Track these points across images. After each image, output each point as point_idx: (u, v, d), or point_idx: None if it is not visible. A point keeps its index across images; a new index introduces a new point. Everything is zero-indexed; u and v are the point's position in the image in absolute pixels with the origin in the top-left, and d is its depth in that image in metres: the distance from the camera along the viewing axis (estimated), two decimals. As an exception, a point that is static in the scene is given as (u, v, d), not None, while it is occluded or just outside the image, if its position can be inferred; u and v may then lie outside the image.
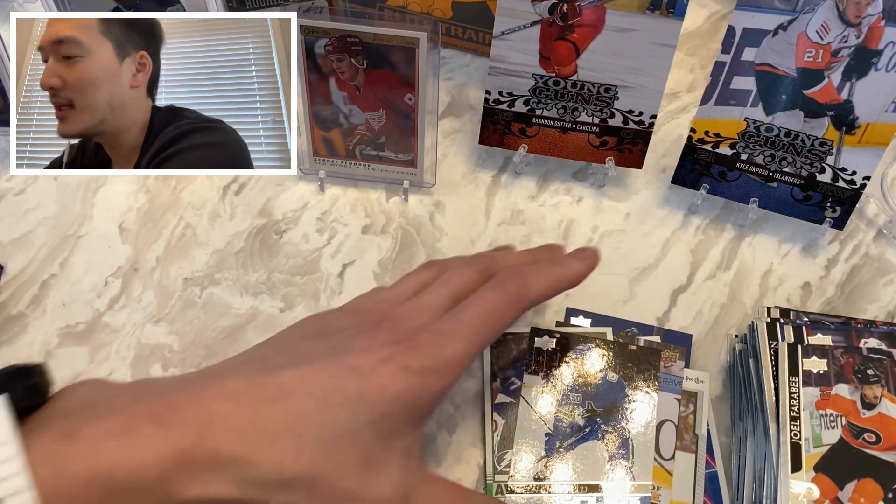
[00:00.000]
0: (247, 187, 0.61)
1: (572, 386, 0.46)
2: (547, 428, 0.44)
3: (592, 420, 0.45)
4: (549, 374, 0.46)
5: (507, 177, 0.62)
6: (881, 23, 0.49)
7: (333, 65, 0.54)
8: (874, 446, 0.44)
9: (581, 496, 0.42)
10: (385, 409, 0.33)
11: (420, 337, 0.35)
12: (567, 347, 0.48)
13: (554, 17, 0.54)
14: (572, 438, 0.44)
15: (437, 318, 0.37)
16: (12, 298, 0.54)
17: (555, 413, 0.45)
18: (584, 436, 0.44)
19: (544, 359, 0.47)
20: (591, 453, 0.44)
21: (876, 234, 0.60)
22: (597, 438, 0.44)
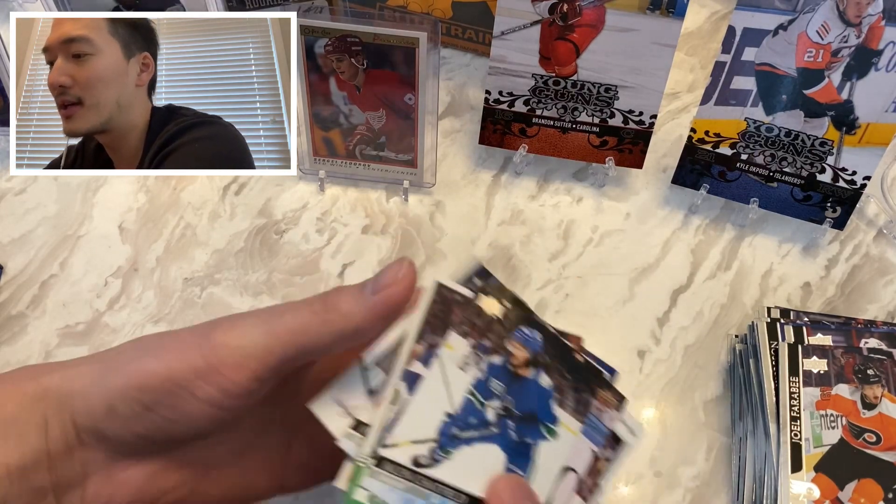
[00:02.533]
0: (247, 187, 0.61)
1: (498, 369, 0.36)
2: (449, 405, 0.35)
3: (504, 421, 0.35)
4: (481, 344, 0.36)
5: (508, 177, 0.62)
6: (881, 23, 0.49)
7: (333, 65, 0.54)
8: (874, 446, 0.44)
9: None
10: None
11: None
12: (514, 323, 0.37)
13: (554, 17, 0.54)
14: (474, 432, 0.35)
15: None
16: (12, 298, 0.54)
17: (466, 391, 0.35)
18: (488, 435, 0.35)
19: (483, 323, 0.36)
20: (488, 459, 0.35)
21: (876, 234, 0.60)
22: (500, 445, 0.35)
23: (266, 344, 0.31)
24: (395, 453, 0.32)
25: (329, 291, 0.32)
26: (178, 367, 0.30)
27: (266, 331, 0.31)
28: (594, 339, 0.54)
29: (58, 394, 0.31)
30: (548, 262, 0.57)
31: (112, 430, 0.31)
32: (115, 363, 0.32)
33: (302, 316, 0.31)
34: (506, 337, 0.36)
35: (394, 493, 0.32)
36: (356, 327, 0.31)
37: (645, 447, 0.49)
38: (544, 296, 0.55)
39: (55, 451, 0.31)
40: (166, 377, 0.30)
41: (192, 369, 0.30)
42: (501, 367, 0.36)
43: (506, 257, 0.57)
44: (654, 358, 0.53)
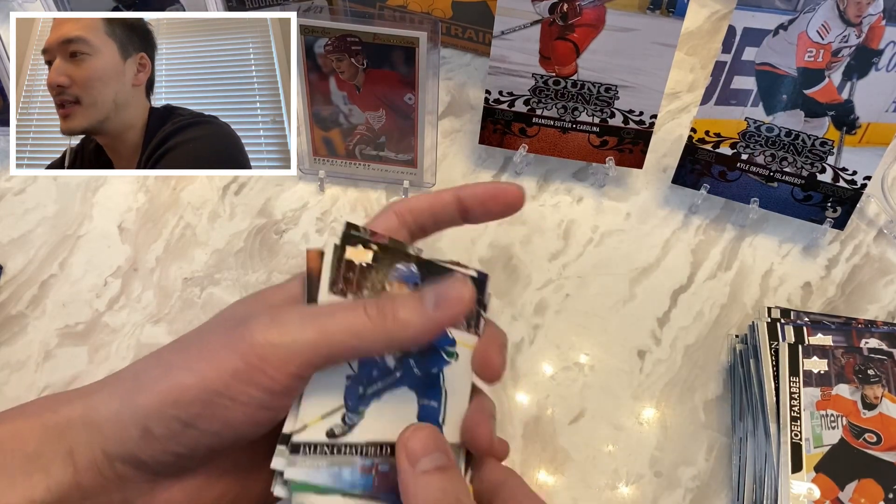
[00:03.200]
0: (246, 187, 0.61)
1: None
2: (348, 368, 0.34)
3: (405, 362, 0.35)
4: (359, 296, 0.35)
5: (508, 176, 0.62)
6: (882, 22, 0.49)
7: (333, 64, 0.54)
8: (875, 447, 0.44)
9: (383, 459, 0.33)
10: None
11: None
12: (386, 265, 0.36)
13: (554, 17, 0.54)
14: (379, 384, 0.34)
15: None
16: (12, 298, 0.54)
17: None
18: (394, 382, 0.35)
19: (355, 276, 0.35)
20: (400, 405, 0.35)
21: (877, 234, 0.60)
22: (408, 386, 0.35)
23: (314, 341, 0.30)
24: (307, 435, 0.32)
25: (383, 298, 0.32)
26: (215, 374, 0.29)
27: (316, 329, 0.30)
28: (594, 340, 0.54)
29: (83, 424, 0.30)
30: (548, 261, 0.57)
31: (149, 453, 0.29)
32: (141, 383, 0.30)
33: (356, 318, 0.30)
34: (384, 280, 0.35)
35: (319, 473, 0.32)
36: (413, 337, 0.31)
37: (645, 447, 0.49)
38: (544, 296, 0.55)
39: (87, 482, 0.29)
40: (203, 388, 0.29)
41: (231, 373, 0.29)
42: None
43: (506, 257, 0.57)
44: (654, 358, 0.53)
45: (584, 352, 0.53)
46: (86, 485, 0.29)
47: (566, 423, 0.50)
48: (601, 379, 0.52)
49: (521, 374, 0.52)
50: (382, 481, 0.32)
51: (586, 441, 0.49)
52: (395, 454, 0.32)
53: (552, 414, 0.50)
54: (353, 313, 0.30)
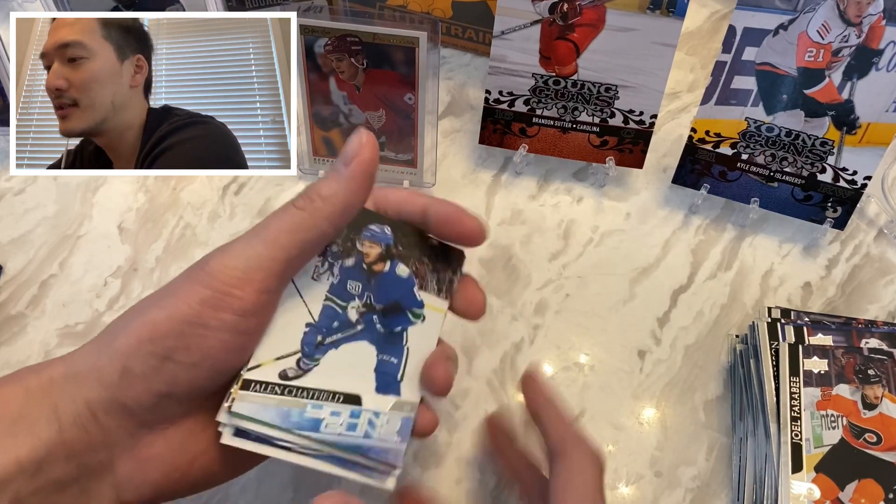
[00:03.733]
0: (246, 187, 0.61)
1: (352, 270, 0.36)
2: (309, 316, 0.35)
3: (368, 317, 0.36)
4: (328, 251, 0.36)
5: (508, 177, 0.62)
6: (882, 22, 0.49)
7: (333, 64, 0.54)
8: (875, 447, 0.44)
9: (333, 406, 0.33)
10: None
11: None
12: (359, 225, 0.37)
13: (554, 17, 0.54)
14: (338, 335, 0.35)
15: None
16: (12, 298, 0.54)
17: (324, 299, 0.36)
18: (354, 334, 0.36)
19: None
20: (358, 357, 0.35)
21: (877, 234, 0.60)
22: (368, 340, 0.36)
23: (266, 252, 0.31)
24: (259, 373, 0.33)
25: (305, 188, 0.33)
26: (184, 305, 0.30)
27: (262, 241, 0.31)
28: (594, 340, 0.54)
29: (64, 379, 0.30)
30: (548, 262, 0.57)
31: (131, 395, 0.30)
32: (115, 330, 0.31)
33: (289, 215, 0.32)
34: (356, 238, 0.37)
35: (267, 410, 0.32)
36: (344, 204, 0.32)
37: (645, 447, 0.49)
38: (544, 296, 0.55)
39: (71, 439, 0.30)
40: (175, 319, 0.30)
41: (199, 301, 0.30)
42: (355, 268, 0.37)
43: (506, 257, 0.57)
44: (654, 358, 0.53)
45: (584, 352, 0.53)
46: (70, 442, 0.30)
47: (566, 423, 0.50)
48: (601, 379, 0.52)
49: (521, 374, 0.52)
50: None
51: (586, 441, 0.49)
52: (344, 402, 0.34)
53: (552, 414, 0.50)
54: (285, 212, 0.32)
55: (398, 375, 0.36)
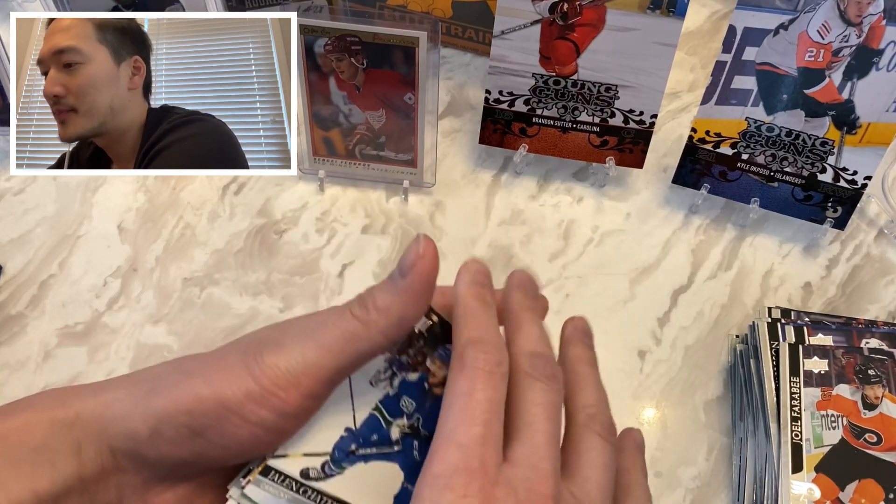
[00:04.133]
0: (246, 187, 0.60)
1: (412, 386, 0.35)
2: (352, 421, 0.33)
3: (409, 440, 0.34)
4: (395, 360, 0.34)
5: (508, 176, 0.62)
6: (882, 22, 0.49)
7: (333, 64, 0.54)
8: (875, 447, 0.44)
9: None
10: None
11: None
12: (439, 339, 0.35)
13: (554, 17, 0.54)
14: (373, 449, 0.33)
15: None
16: (11, 298, 0.54)
17: (372, 408, 0.34)
18: (388, 454, 0.33)
19: (403, 339, 0.35)
20: (384, 478, 0.33)
21: (877, 234, 0.60)
22: (400, 464, 0.33)
23: (316, 359, 0.30)
24: (283, 464, 0.32)
25: (363, 293, 0.31)
26: (230, 391, 0.29)
27: (315, 346, 0.30)
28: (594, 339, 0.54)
29: (93, 418, 0.30)
30: (548, 262, 0.57)
31: (154, 454, 0.30)
32: (158, 386, 0.30)
33: (345, 323, 0.30)
34: (428, 354, 0.35)
35: (276, 503, 0.31)
36: (399, 317, 0.31)
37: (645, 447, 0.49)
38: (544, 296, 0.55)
39: (88, 476, 0.30)
40: (217, 402, 0.29)
41: (245, 393, 0.29)
42: (416, 385, 0.35)
43: (506, 257, 0.57)
44: (654, 358, 0.53)
45: (584, 352, 0.53)
46: (87, 478, 0.30)
47: (566, 423, 0.50)
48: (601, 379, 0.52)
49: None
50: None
51: (586, 441, 0.49)
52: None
53: (552, 414, 0.50)
54: (341, 318, 0.31)
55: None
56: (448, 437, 0.27)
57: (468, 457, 0.26)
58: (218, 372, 0.30)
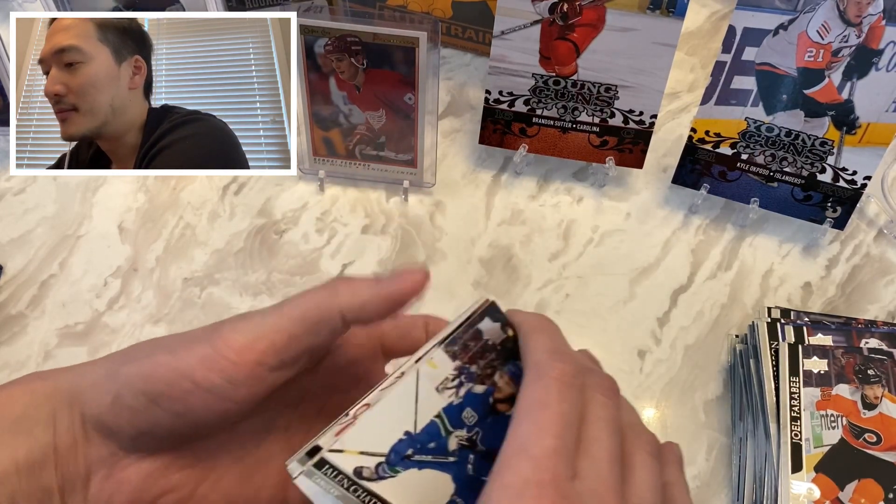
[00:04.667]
0: (246, 187, 0.61)
1: (480, 400, 0.34)
2: (412, 425, 0.33)
3: (465, 453, 0.33)
4: (465, 369, 0.34)
5: (508, 176, 0.62)
6: (882, 22, 0.49)
7: (333, 64, 0.54)
8: (875, 447, 0.44)
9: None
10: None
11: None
12: (508, 356, 0.35)
13: (554, 17, 0.54)
14: (429, 457, 0.33)
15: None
16: (11, 298, 0.54)
17: (434, 415, 0.34)
18: (443, 463, 0.33)
19: (476, 348, 0.34)
20: (435, 488, 0.33)
21: (877, 234, 0.60)
22: (453, 476, 0.33)
23: (273, 325, 0.31)
24: (339, 459, 0.31)
25: (340, 277, 0.33)
26: (186, 357, 0.30)
27: (274, 314, 0.31)
28: (594, 340, 0.54)
29: (68, 388, 0.31)
30: (548, 261, 0.57)
31: (115, 422, 0.31)
32: (130, 357, 0.32)
33: (310, 293, 0.32)
34: (498, 368, 0.34)
35: (325, 498, 0.31)
36: (363, 301, 0.31)
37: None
38: (544, 296, 0.55)
39: (62, 446, 0.31)
40: (172, 367, 0.30)
41: (199, 358, 0.30)
42: (481, 398, 0.34)
43: (506, 257, 0.57)
44: (654, 358, 0.53)
45: (584, 352, 0.53)
46: (60, 448, 0.31)
47: (566, 423, 0.50)
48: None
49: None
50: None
51: (586, 441, 0.49)
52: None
53: (552, 414, 0.50)
54: (310, 290, 0.32)
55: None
56: (521, 448, 0.27)
57: (540, 469, 0.26)
58: (182, 342, 0.31)
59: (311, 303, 0.31)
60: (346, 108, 0.57)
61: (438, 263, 0.57)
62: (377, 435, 0.32)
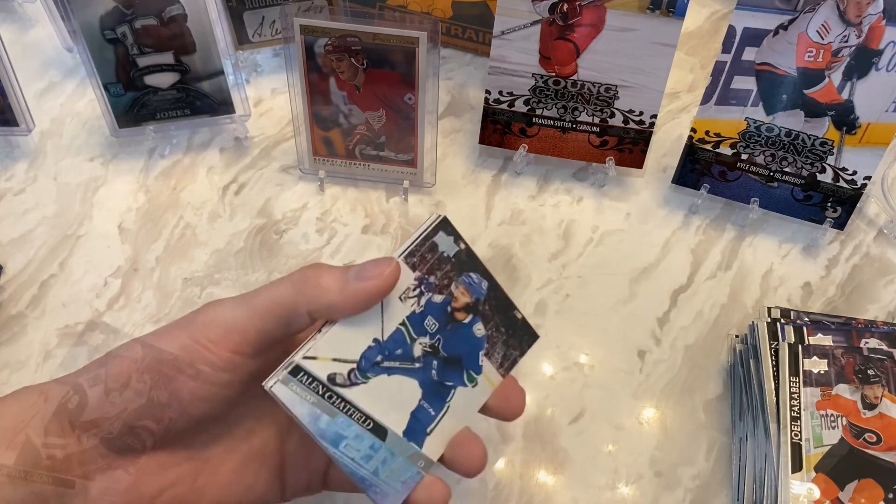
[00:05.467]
0: (246, 187, 0.61)
1: (437, 308, 0.36)
2: (380, 332, 0.34)
3: (429, 359, 0.36)
4: (424, 279, 0.36)
5: (508, 177, 0.62)
6: (882, 22, 0.49)
7: (333, 64, 0.54)
8: (875, 447, 0.44)
9: (359, 429, 0.33)
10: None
11: None
12: (462, 267, 0.37)
13: (554, 17, 0.54)
14: (397, 363, 0.35)
15: None
16: (12, 298, 0.54)
17: (399, 323, 0.35)
18: (410, 370, 0.35)
19: (433, 259, 0.36)
20: (403, 393, 0.35)
21: (877, 234, 0.60)
22: (419, 381, 0.35)
23: (246, 315, 0.32)
24: (313, 366, 0.33)
25: (310, 266, 0.34)
26: (167, 348, 0.32)
27: (248, 305, 0.33)
28: (594, 340, 0.54)
29: (59, 393, 0.32)
30: (548, 261, 0.57)
31: (105, 422, 0.32)
32: (113, 355, 0.33)
33: (279, 288, 0.33)
34: (453, 279, 0.37)
35: (302, 405, 0.32)
36: (330, 302, 0.32)
37: (645, 447, 0.49)
38: (544, 296, 0.55)
39: (53, 452, 0.31)
40: (155, 358, 0.32)
41: (180, 347, 0.32)
42: (440, 307, 0.36)
43: (506, 257, 0.57)
44: (654, 358, 0.53)
45: (583, 352, 0.53)
46: (52, 454, 0.32)
47: (566, 423, 0.50)
48: (601, 379, 0.52)
49: (520, 374, 0.52)
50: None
51: (586, 441, 0.49)
52: (371, 430, 0.34)
53: (552, 414, 0.50)
54: (278, 284, 0.33)
55: (429, 428, 0.36)
56: None
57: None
58: (163, 335, 0.33)
59: (278, 299, 0.33)
60: (346, 108, 0.57)
61: (438, 263, 0.57)
62: (348, 342, 0.34)
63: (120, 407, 0.32)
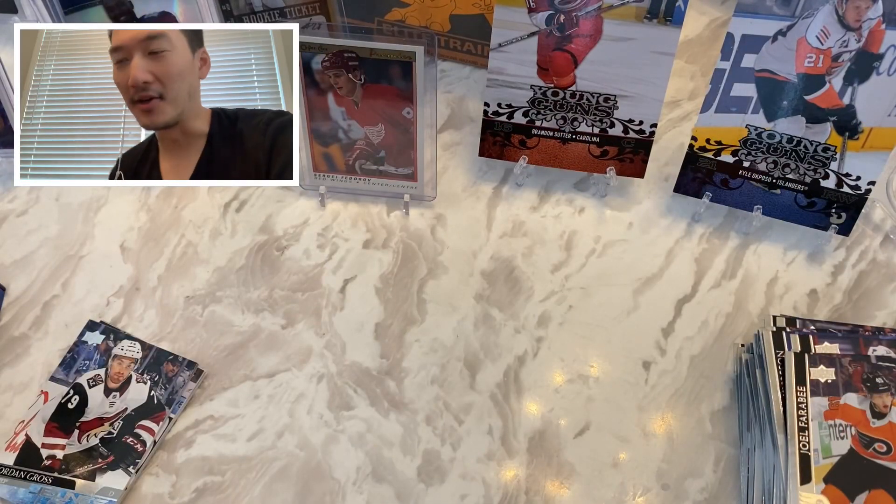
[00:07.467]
0: (247, 204, 0.61)
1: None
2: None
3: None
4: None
5: (508, 188, 0.62)
6: (882, 26, 0.49)
7: (331, 80, 0.54)
8: (885, 456, 0.44)
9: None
10: None
11: None
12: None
13: (551, 28, 0.54)
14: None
15: None
16: (15, 320, 0.54)
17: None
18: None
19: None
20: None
21: (883, 239, 0.59)
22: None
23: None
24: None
25: None
26: None
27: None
28: (598, 351, 0.53)
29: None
30: (550, 273, 0.57)
31: None
32: None
33: None
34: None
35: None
36: None
37: (652, 460, 0.48)
38: (547, 308, 0.55)
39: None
40: None
41: None
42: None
43: (508, 269, 0.57)
44: (659, 369, 0.52)
45: (588, 364, 0.52)
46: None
47: (571, 436, 0.49)
48: (606, 391, 0.51)
49: (525, 387, 0.51)
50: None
51: (592, 454, 0.48)
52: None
53: (557, 427, 0.50)
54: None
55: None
56: None
57: None
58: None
59: None
60: (345, 124, 0.57)
61: (440, 277, 0.56)
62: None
63: None
